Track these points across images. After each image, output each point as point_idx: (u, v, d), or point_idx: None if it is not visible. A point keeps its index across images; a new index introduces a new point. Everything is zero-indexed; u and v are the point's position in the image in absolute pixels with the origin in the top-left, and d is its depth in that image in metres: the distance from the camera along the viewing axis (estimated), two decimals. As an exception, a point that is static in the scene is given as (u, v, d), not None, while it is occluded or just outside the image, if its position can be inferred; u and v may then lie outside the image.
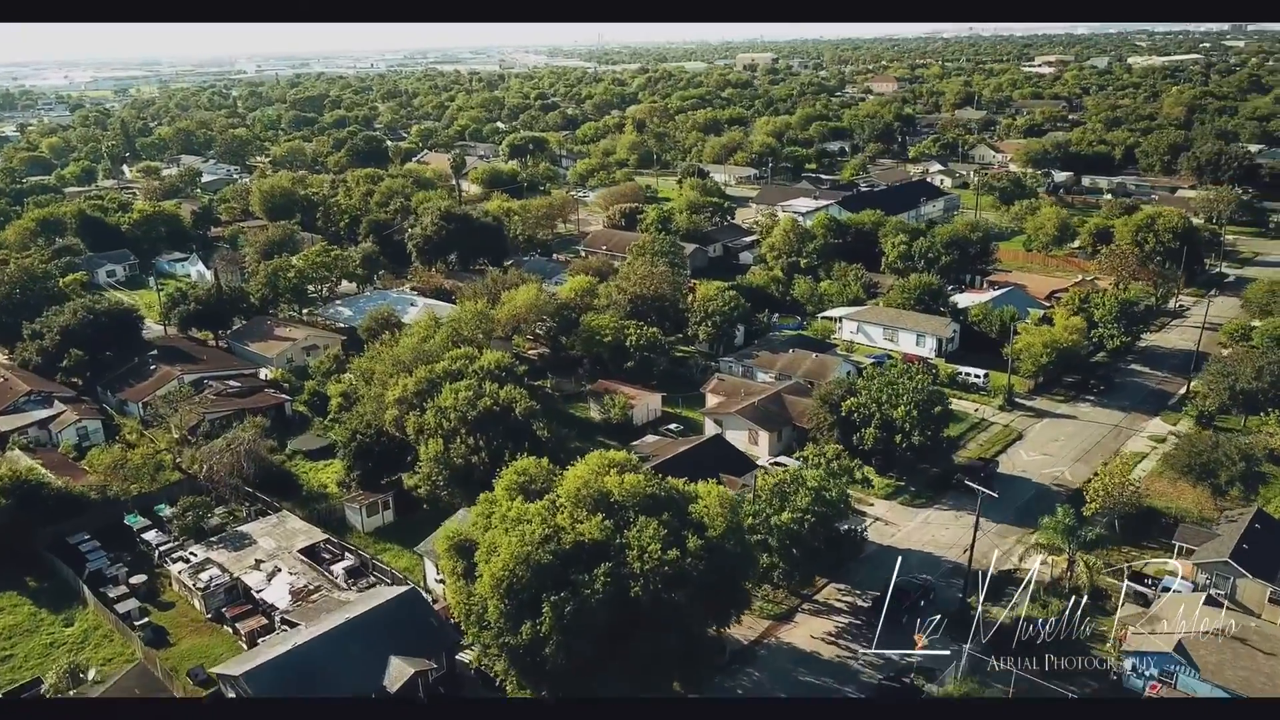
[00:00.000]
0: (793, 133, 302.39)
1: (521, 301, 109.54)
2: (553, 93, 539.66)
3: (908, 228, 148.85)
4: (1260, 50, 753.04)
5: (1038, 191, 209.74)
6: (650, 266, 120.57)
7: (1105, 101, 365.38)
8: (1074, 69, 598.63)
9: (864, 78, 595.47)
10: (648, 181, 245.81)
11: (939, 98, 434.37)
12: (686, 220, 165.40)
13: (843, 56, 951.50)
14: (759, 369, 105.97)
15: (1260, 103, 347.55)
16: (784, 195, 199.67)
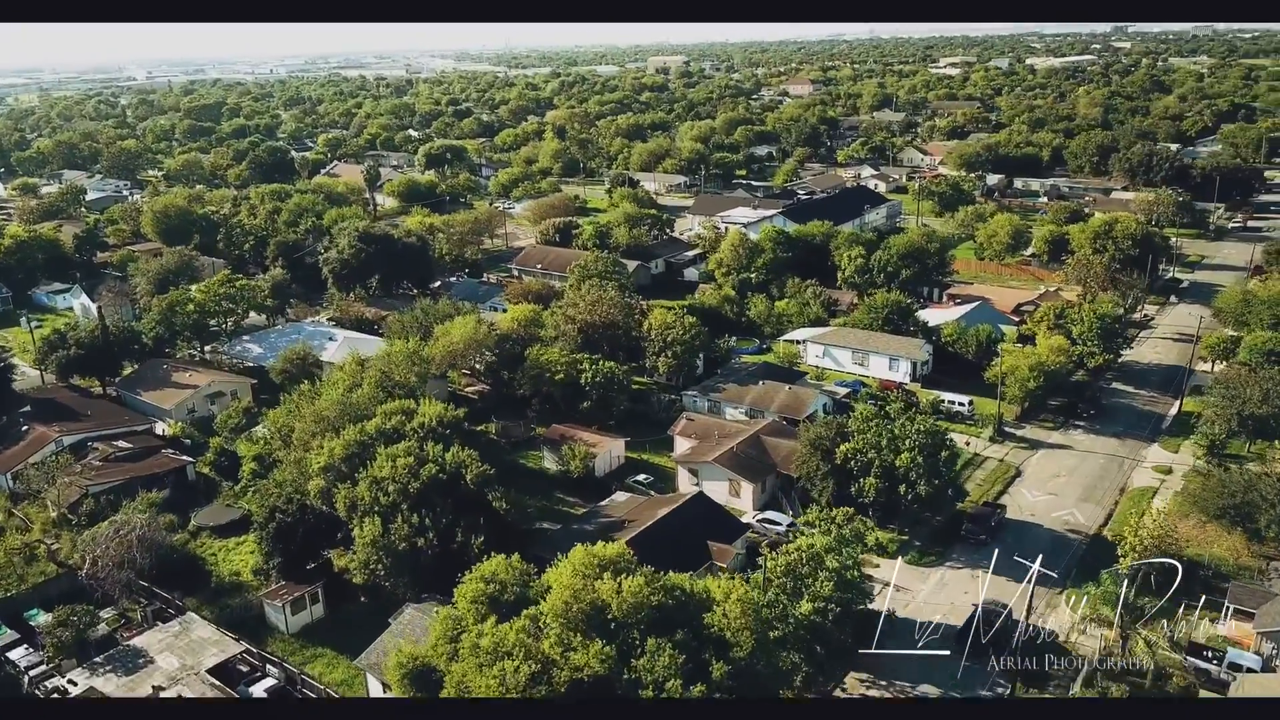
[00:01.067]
0: (718, 137, 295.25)
1: (458, 336, 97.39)
2: (464, 98, 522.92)
3: (860, 239, 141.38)
4: (1147, 51, 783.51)
5: (974, 196, 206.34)
6: (599, 291, 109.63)
7: (1020, 103, 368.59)
8: (980, 70, 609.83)
9: (778, 80, 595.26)
10: (575, 191, 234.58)
11: (856, 100, 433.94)
12: (626, 235, 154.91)
13: (753, 59, 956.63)
14: (727, 404, 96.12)
15: (1168, 101, 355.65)
16: (721, 205, 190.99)
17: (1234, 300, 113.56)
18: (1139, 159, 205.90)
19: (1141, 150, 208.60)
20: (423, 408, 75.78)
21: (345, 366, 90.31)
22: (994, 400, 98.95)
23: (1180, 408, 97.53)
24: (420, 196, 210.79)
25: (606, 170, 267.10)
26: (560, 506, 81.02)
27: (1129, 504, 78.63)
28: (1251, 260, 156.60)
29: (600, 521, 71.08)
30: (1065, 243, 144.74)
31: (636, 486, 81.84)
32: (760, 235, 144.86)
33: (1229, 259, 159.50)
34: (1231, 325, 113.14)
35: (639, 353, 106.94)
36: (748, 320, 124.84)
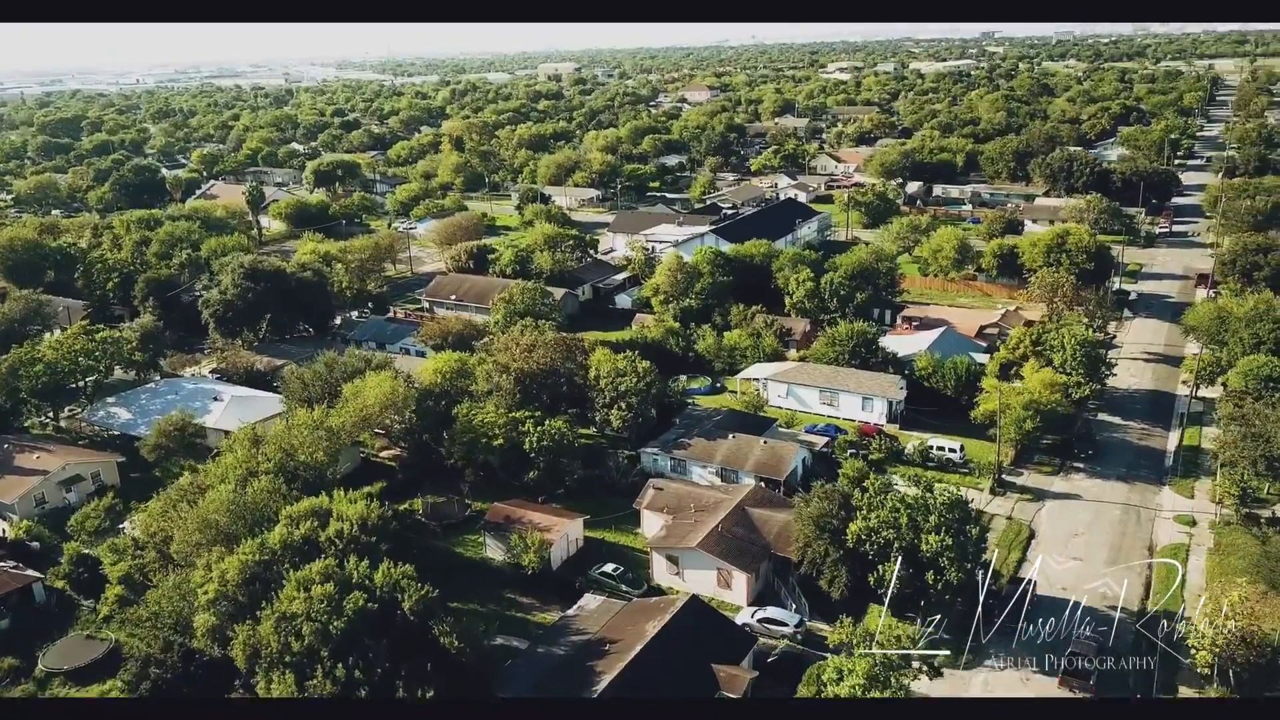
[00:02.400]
0: (625, 147, 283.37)
1: (373, 398, 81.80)
2: (350, 108, 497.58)
3: (805, 259, 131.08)
4: (1021, 55, 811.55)
5: (899, 205, 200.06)
6: (535, 333, 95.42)
7: (923, 108, 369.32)
8: (870, 75, 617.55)
9: (675, 86, 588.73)
10: (481, 208, 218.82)
11: (758, 106, 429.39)
12: (548, 259, 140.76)
13: (644, 65, 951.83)
14: (695, 463, 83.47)
15: (1062, 105, 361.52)
16: (642, 222, 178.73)
17: (1207, 318, 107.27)
18: (1059, 164, 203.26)
19: (1061, 156, 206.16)
20: (339, 506, 60.52)
21: (236, 445, 73.69)
22: (981, 441, 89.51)
23: (1182, 441, 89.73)
24: (311, 219, 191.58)
25: (512, 184, 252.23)
26: (515, 612, 66.77)
27: (1163, 568, 69.39)
28: (1194, 269, 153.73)
29: (574, 641, 57.32)
30: (1015, 256, 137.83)
31: (607, 581, 68.21)
32: (695, 257, 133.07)
33: (1167, 267, 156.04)
34: (1206, 344, 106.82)
35: (583, 399, 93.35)
36: (695, 355, 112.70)
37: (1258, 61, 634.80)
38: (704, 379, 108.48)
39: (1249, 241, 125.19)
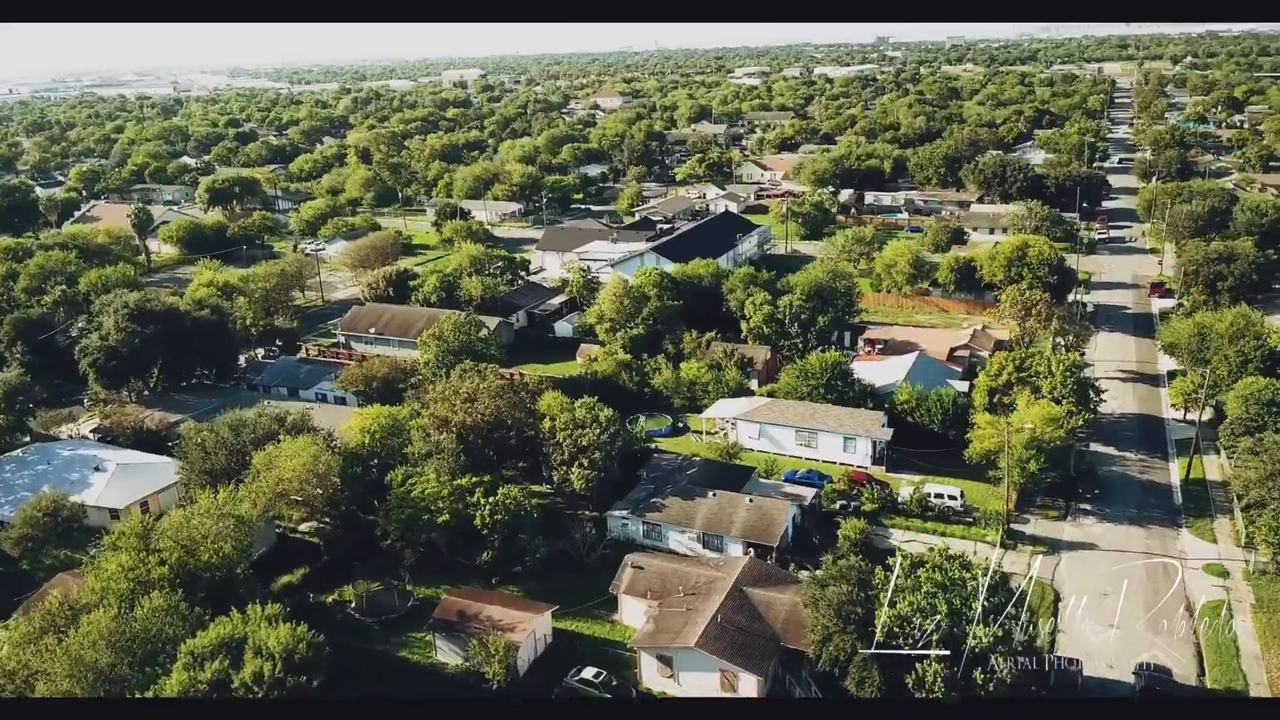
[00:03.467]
0: (544, 157, 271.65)
1: (290, 469, 68.82)
2: (246, 118, 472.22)
3: (759, 279, 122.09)
4: (920, 60, 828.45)
5: (836, 215, 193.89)
6: (476, 379, 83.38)
7: (841, 113, 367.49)
8: (779, 79, 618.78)
9: (586, 93, 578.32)
10: (395, 225, 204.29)
11: (673, 112, 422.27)
12: (478, 285, 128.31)
13: (551, 72, 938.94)
14: (672, 528, 72.96)
15: (973, 108, 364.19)
16: (573, 239, 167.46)
17: (1186, 335, 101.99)
18: (992, 170, 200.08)
19: (994, 161, 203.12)
20: (257, 634, 47.98)
21: (122, 543, 59.91)
22: (976, 483, 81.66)
23: (1188, 474, 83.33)
24: (207, 243, 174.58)
25: (427, 198, 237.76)
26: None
27: (1211, 633, 62.02)
28: (1143, 276, 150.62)
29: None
30: (972, 270, 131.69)
31: (588, 691, 57.03)
32: (639, 279, 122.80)
33: (1115, 275, 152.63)
34: (1189, 363, 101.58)
35: (534, 449, 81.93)
36: (651, 391, 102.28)
37: (1146, 65, 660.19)
38: (664, 418, 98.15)
39: (1210, 250, 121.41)
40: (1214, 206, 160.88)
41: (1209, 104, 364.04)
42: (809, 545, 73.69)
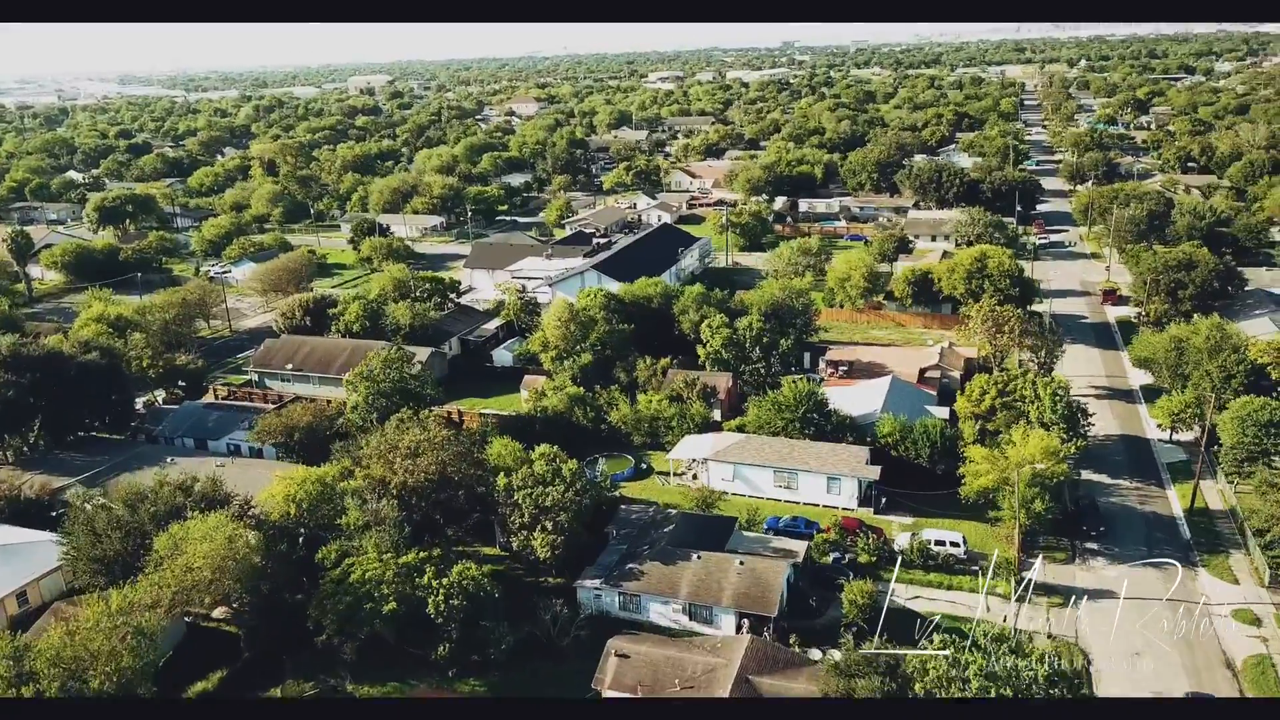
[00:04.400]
0: (463, 167, 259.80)
1: (201, 558, 57.57)
2: (138, 129, 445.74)
3: (712, 299, 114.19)
4: (829, 64, 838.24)
5: (774, 226, 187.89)
6: (419, 433, 72.94)
7: (764, 118, 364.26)
8: (694, 84, 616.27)
9: (500, 99, 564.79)
10: (307, 243, 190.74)
11: (591, 118, 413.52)
12: (406, 312, 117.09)
13: (460, 77, 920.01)
14: (652, 598, 64.04)
15: (890, 111, 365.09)
16: (504, 255, 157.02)
17: (1163, 349, 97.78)
18: (928, 175, 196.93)
19: (929, 166, 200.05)
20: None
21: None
22: (971, 522, 75.06)
23: (1193, 504, 78.22)
24: (96, 268, 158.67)
25: (340, 213, 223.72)
26: None
27: (1257, 690, 56.15)
28: (1092, 283, 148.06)
29: None
30: (930, 283, 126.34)
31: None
32: (583, 300, 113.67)
33: (1064, 282, 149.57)
34: (1169, 380, 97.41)
35: (486, 506, 72.03)
36: (609, 428, 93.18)
37: (1046, 68, 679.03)
38: (625, 459, 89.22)
39: (1168, 258, 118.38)
40: (1152, 210, 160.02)
41: (1116, 105, 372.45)
42: (805, 607, 65.74)
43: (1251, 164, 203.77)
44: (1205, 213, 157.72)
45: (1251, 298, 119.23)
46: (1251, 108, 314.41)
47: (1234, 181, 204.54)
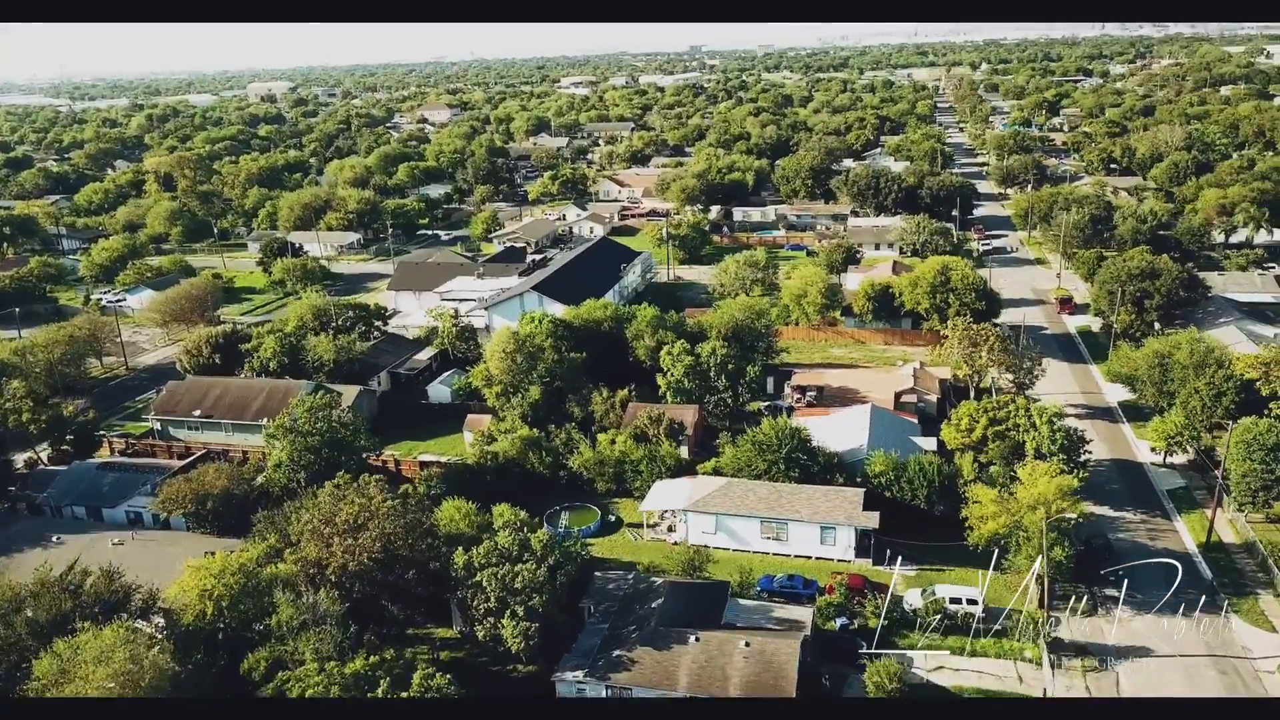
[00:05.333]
0: (378, 178, 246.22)
1: (97, 681, 46.26)
2: (18, 140, 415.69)
3: (666, 321, 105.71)
4: (740, 68, 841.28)
5: (712, 237, 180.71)
6: (357, 497, 62.34)
7: (687, 124, 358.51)
8: (609, 89, 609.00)
9: (410, 105, 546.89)
10: (211, 264, 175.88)
11: (508, 125, 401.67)
12: (329, 346, 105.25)
13: (366, 83, 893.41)
14: (647, 691, 54.88)
15: (819, 118, 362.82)
16: (433, 275, 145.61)
17: (1146, 365, 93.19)
18: (865, 181, 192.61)
19: (866, 172, 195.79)
20: None
21: None
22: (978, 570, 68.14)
23: (1209, 537, 72.95)
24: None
25: (246, 231, 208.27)
26: None
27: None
28: (1043, 290, 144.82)
29: None
30: (890, 297, 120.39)
31: None
32: (526, 327, 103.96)
33: (1015, 290, 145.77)
34: (1151, 397, 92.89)
35: (441, 585, 61.91)
36: (568, 473, 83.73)
37: (953, 71, 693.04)
38: (590, 511, 79.93)
39: (1130, 266, 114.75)
40: (1093, 214, 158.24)
41: (1029, 107, 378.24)
42: (817, 686, 57.62)
43: (1175, 165, 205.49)
44: (1147, 216, 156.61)
45: (1213, 305, 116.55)
46: (1158, 109, 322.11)
47: (1159, 183, 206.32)
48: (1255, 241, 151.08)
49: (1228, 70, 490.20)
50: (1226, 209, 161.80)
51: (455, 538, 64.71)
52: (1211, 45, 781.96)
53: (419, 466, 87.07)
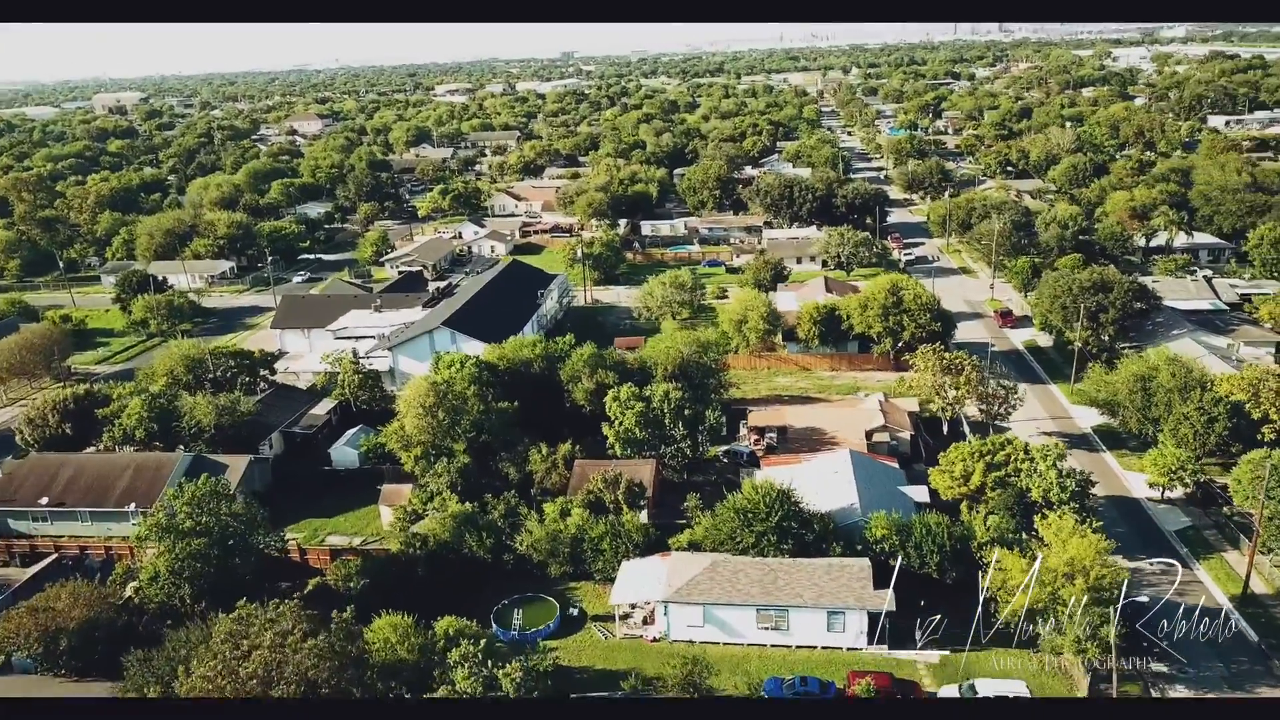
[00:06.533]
0: (248, 198, 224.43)
1: None
2: None
3: (605, 359, 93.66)
4: (617, 74, 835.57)
5: (624, 254, 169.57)
6: (278, 628, 48.00)
7: (581, 133, 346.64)
8: (488, 97, 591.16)
9: (277, 116, 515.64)
10: (57, 304, 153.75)
11: (386, 135, 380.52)
12: (208, 410, 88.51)
13: (226, 93, 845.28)
14: None
15: (717, 125, 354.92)
16: (323, 310, 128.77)
17: (1126, 389, 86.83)
18: (778, 191, 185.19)
19: (778, 181, 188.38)
20: None
21: None
22: (1005, 649, 59.17)
23: (1245, 589, 65.92)
24: None
25: (98, 262, 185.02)
26: None
27: None
28: (974, 301, 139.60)
29: None
30: (837, 320, 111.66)
31: None
32: (443, 371, 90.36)
33: (949, 303, 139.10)
34: (1135, 423, 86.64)
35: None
36: (514, 556, 70.70)
37: (828, 75, 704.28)
38: (548, 604, 67.08)
39: (1084, 279, 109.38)
40: (1014, 220, 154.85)
41: (913, 111, 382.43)
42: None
43: (1074, 167, 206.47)
44: (1068, 222, 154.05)
45: (1161, 315, 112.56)
46: (1034, 111, 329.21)
47: (1060, 185, 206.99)
48: (1175, 245, 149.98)
49: (1085, 73, 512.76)
50: (1138, 212, 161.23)
51: (392, 669, 51.32)
52: (1061, 49, 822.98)
53: (330, 556, 72.41)
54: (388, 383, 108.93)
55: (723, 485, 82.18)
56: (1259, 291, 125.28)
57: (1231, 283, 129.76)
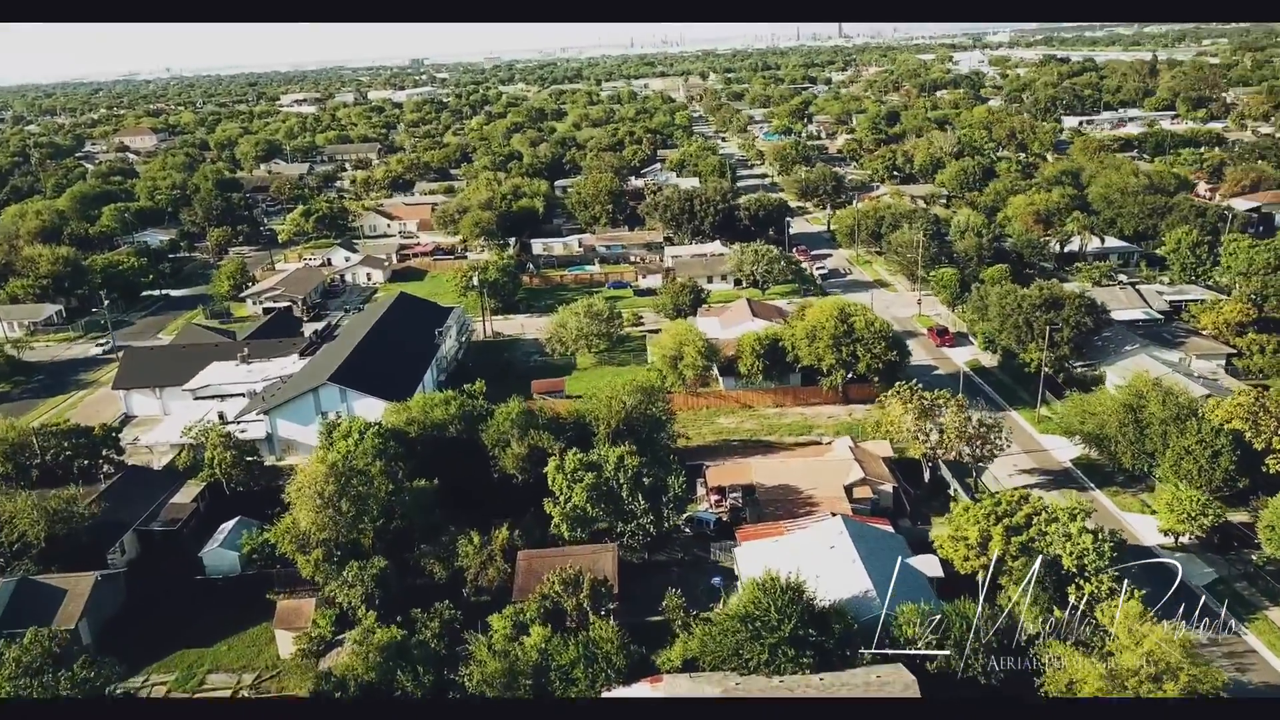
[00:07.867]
0: (75, 226, 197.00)
1: None
2: None
3: (538, 421, 79.36)
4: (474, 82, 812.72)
5: (523, 279, 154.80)
6: None
7: (450, 145, 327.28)
8: (340, 107, 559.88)
9: (104, 131, 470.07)
10: None
11: (233, 150, 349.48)
12: (36, 515, 69.01)
13: (43, 106, 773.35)
14: None
15: (590, 134, 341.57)
16: (175, 365, 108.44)
17: (1116, 422, 79.22)
18: (679, 205, 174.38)
19: (678, 195, 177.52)
20: None
21: None
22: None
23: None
24: None
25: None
26: None
27: None
28: (899, 318, 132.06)
29: None
30: (781, 354, 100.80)
31: None
32: (340, 444, 74.35)
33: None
34: (1130, 460, 79.17)
35: None
36: (460, 694, 55.68)
37: (690, 80, 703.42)
38: (510, 761, 52.51)
39: (1034, 296, 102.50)
40: (926, 229, 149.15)
41: (782, 115, 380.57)
42: None
43: (965, 171, 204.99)
44: (982, 230, 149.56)
45: (1109, 330, 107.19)
46: (902, 115, 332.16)
47: (951, 190, 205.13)
48: (1088, 250, 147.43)
49: (935, 76, 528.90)
50: (1042, 216, 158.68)
51: None
52: (906, 54, 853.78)
53: None
54: (264, 450, 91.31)
55: (693, 566, 69.61)
56: (1187, 298, 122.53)
57: (1158, 289, 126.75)
